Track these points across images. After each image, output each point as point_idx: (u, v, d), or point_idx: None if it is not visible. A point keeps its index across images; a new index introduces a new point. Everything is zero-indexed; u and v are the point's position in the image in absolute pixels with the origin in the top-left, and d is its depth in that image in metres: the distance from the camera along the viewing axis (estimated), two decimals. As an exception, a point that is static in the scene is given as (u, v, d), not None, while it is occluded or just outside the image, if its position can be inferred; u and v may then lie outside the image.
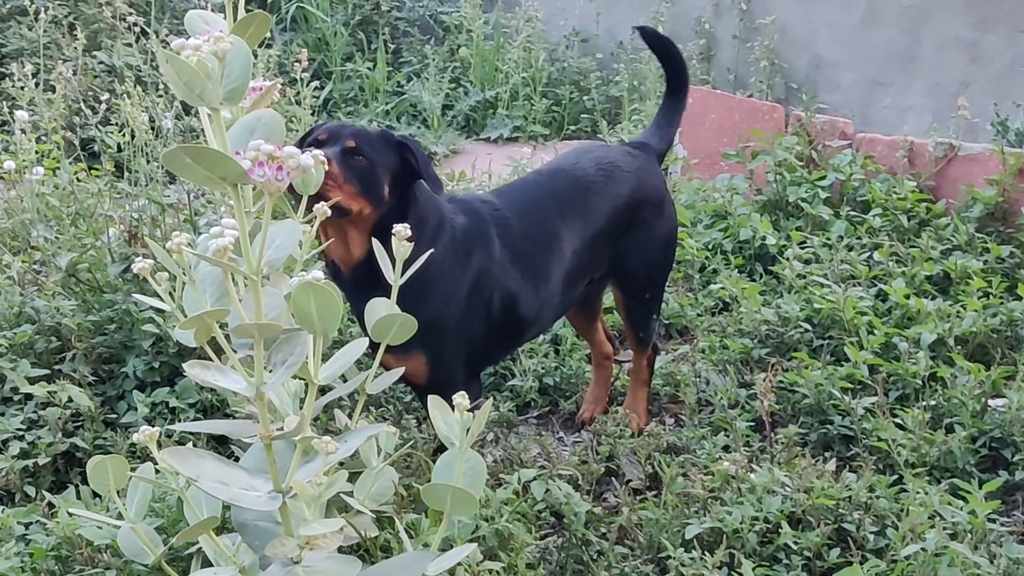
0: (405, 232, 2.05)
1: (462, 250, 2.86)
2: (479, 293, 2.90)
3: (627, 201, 3.24)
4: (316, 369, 1.70)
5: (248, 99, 1.70)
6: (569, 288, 3.14)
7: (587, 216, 3.14)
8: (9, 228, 4.36)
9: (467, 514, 2.13)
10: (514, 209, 3.05)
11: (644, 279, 3.37)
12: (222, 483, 1.64)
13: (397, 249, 2.07)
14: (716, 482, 2.81)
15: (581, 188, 3.17)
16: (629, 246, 3.27)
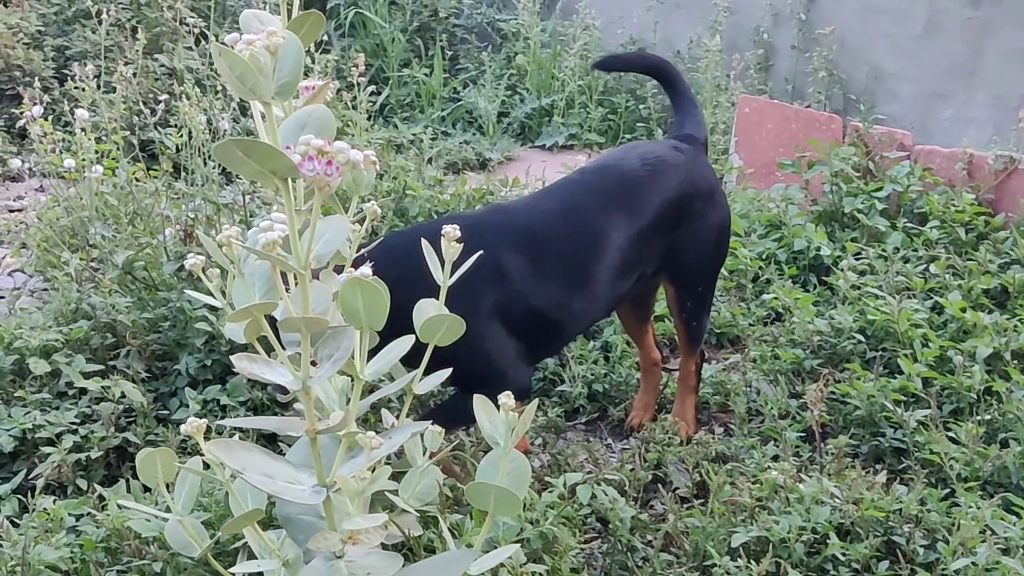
0: (455, 233, 2.06)
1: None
2: (490, 319, 2.83)
3: (676, 194, 3.19)
4: (362, 365, 1.71)
5: (301, 98, 1.71)
6: (617, 283, 3.09)
7: (633, 211, 3.09)
8: (68, 226, 4.42)
9: (510, 514, 2.13)
10: (545, 213, 3.02)
11: (697, 272, 3.33)
12: (267, 476, 1.65)
13: (447, 250, 2.08)
14: (764, 491, 2.78)
15: (627, 183, 3.13)
16: (682, 239, 3.22)
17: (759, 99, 5.82)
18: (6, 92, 6.85)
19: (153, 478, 2.11)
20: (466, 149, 6.65)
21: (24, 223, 4.71)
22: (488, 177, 5.32)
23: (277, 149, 1.42)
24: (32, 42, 7.02)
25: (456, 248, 2.09)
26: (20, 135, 6.39)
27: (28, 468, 3.09)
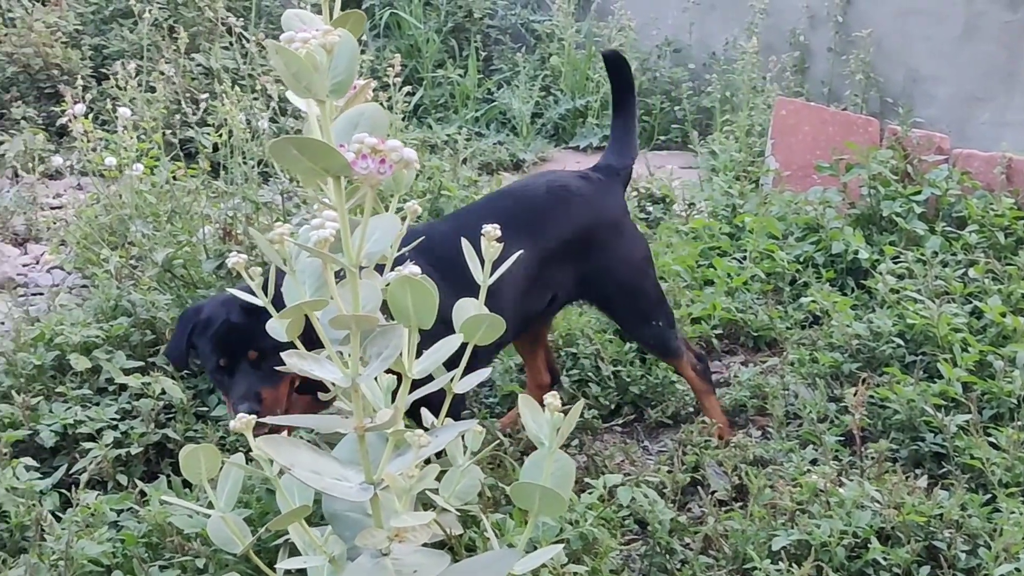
0: (495, 232, 2.06)
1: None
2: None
3: (579, 224, 3.21)
4: (410, 363, 1.72)
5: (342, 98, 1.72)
6: (523, 304, 3.09)
7: (536, 235, 3.07)
8: (107, 223, 4.46)
9: (555, 514, 2.13)
10: (446, 235, 2.89)
11: (624, 299, 3.33)
12: (315, 472, 1.65)
13: (487, 250, 2.08)
14: (804, 495, 2.77)
15: (529, 209, 3.15)
16: (595, 269, 3.24)
17: (795, 101, 5.80)
18: (44, 91, 6.91)
19: (196, 474, 2.11)
20: (500, 150, 6.65)
21: (64, 220, 4.75)
22: (522, 177, 5.32)
23: (331, 147, 1.43)
24: (70, 41, 7.08)
25: (497, 248, 2.09)
26: (59, 133, 6.45)
27: (69, 463, 3.12)
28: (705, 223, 4.75)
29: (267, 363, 2.56)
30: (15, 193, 5.73)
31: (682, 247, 4.47)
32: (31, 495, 2.85)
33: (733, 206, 4.99)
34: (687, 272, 4.31)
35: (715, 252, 4.56)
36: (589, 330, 3.83)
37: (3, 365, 3.47)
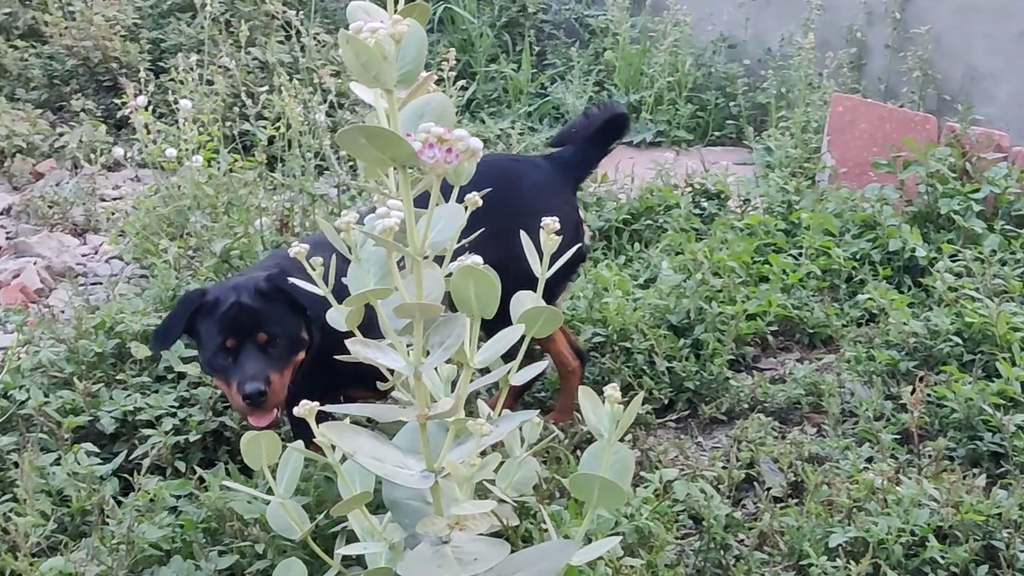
0: (554, 225, 2.06)
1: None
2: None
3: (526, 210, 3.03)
4: (472, 353, 1.72)
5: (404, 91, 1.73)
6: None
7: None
8: (166, 215, 4.51)
9: (614, 506, 2.13)
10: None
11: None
12: (377, 459, 1.67)
13: (545, 243, 2.08)
14: (861, 492, 2.75)
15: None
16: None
17: (852, 98, 5.74)
18: (103, 83, 6.99)
19: (257, 460, 2.14)
20: (553, 145, 6.64)
21: (123, 211, 4.81)
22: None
23: (399, 136, 1.44)
24: (129, 35, 7.15)
25: (556, 240, 2.10)
26: (117, 126, 6.53)
27: (128, 449, 3.16)
28: (760, 219, 4.72)
29: (275, 348, 2.64)
30: (75, 184, 5.81)
31: (737, 243, 4.44)
32: (92, 480, 2.90)
33: (789, 202, 4.96)
34: (742, 268, 4.29)
35: (770, 248, 4.53)
36: (644, 325, 3.82)
37: (65, 353, 3.52)
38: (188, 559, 2.51)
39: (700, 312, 3.94)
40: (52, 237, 5.35)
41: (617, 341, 3.81)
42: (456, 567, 1.64)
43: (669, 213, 4.96)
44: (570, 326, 3.90)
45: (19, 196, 5.88)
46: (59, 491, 2.90)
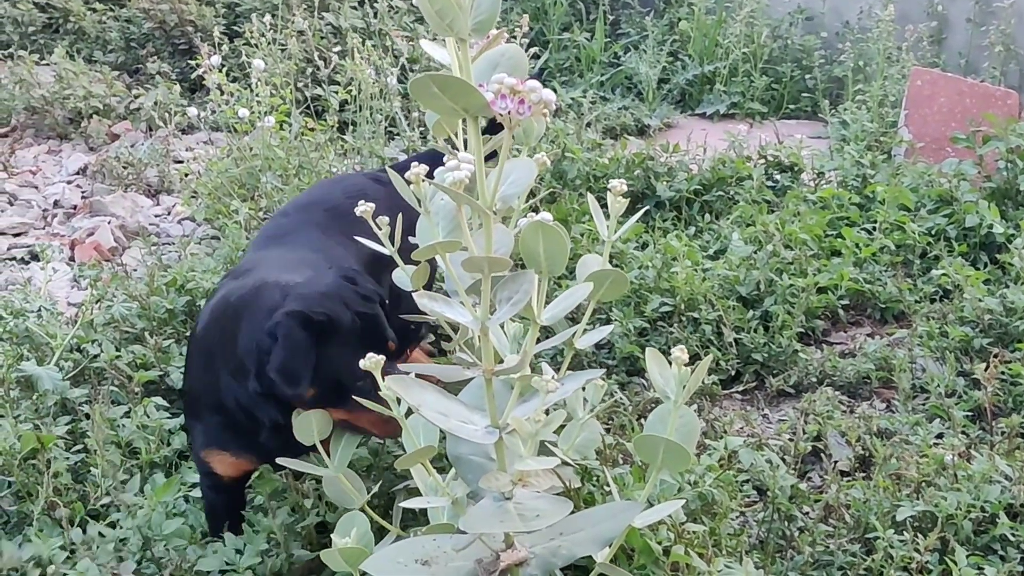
0: (621, 187, 2.04)
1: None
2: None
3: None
4: (539, 309, 1.71)
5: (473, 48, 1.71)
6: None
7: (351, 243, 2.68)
8: (238, 176, 4.54)
9: (678, 469, 2.11)
10: (281, 258, 2.66)
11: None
12: (442, 414, 1.66)
13: (612, 206, 2.06)
14: (931, 467, 2.71)
15: (341, 217, 2.80)
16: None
17: (932, 72, 5.63)
18: (179, 47, 7.06)
19: (309, 436, 2.16)
20: (625, 115, 6.59)
21: (195, 173, 4.86)
22: (649, 142, 5.27)
23: (471, 86, 1.43)
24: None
25: (624, 203, 2.07)
26: (191, 89, 6.59)
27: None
28: (834, 192, 4.64)
29: (395, 354, 2.35)
30: (149, 146, 5.88)
31: (810, 216, 4.38)
32: (161, 433, 2.93)
33: (864, 176, 4.88)
34: (814, 241, 4.22)
35: (843, 222, 4.46)
36: (712, 296, 3.79)
37: (136, 309, 3.56)
38: (253, 512, 2.53)
39: (770, 284, 3.90)
40: (126, 197, 5.42)
41: (685, 311, 3.78)
42: (518, 522, 1.63)
43: (741, 185, 4.90)
44: (637, 296, 3.88)
45: (95, 156, 5.96)
46: (128, 443, 2.94)
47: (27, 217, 5.24)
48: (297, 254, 2.66)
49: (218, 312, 2.41)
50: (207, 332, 2.42)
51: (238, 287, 2.43)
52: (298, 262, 2.56)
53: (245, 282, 2.44)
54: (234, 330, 2.29)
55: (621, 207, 2.06)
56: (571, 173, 4.85)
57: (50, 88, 6.46)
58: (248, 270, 2.55)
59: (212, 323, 2.42)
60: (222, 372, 2.31)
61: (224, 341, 2.32)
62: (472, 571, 1.74)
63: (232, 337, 2.29)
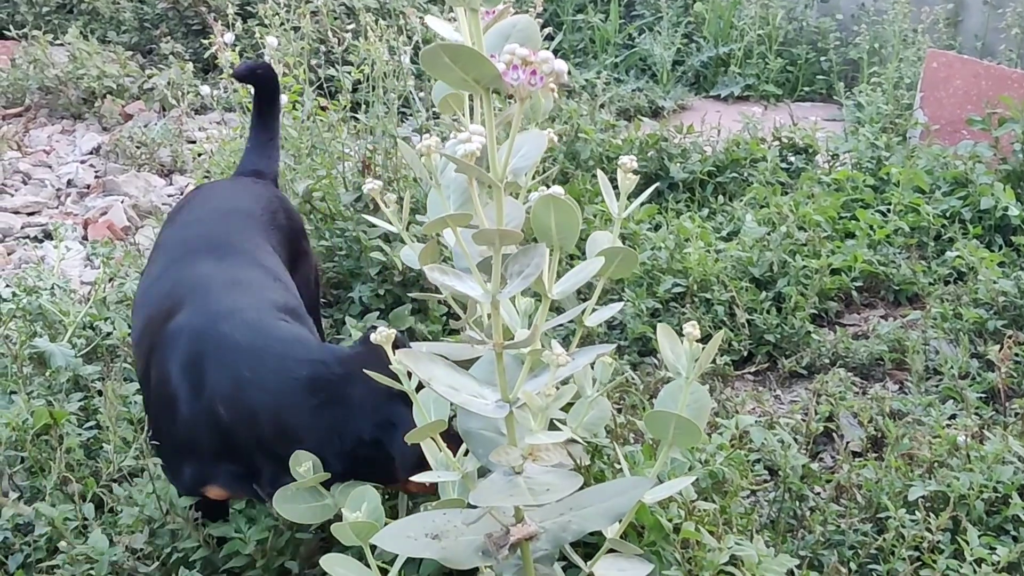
0: (632, 164, 2.02)
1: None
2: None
3: (289, 230, 2.88)
4: (551, 283, 1.71)
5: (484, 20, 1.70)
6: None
7: (265, 252, 2.66)
8: (250, 155, 4.53)
9: (689, 445, 2.11)
10: (203, 276, 2.48)
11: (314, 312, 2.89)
12: (453, 388, 1.66)
13: (622, 183, 2.05)
14: (943, 447, 2.70)
15: (261, 225, 2.74)
16: (299, 282, 2.75)
17: (948, 54, 5.59)
18: (192, 27, 7.06)
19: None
20: (639, 96, 6.57)
21: (209, 152, 4.86)
22: (663, 123, 5.25)
23: (483, 56, 1.42)
24: (217, -22, 7.20)
25: (634, 179, 2.06)
26: (204, 69, 6.59)
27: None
28: (848, 174, 4.62)
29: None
30: (162, 126, 5.89)
31: (824, 197, 4.37)
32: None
33: (879, 158, 4.86)
34: (828, 223, 4.21)
35: (858, 204, 4.44)
36: (725, 277, 3.78)
37: (149, 286, 3.56)
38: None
39: (783, 265, 3.89)
40: (139, 177, 5.43)
41: (697, 292, 3.78)
42: (528, 497, 1.63)
43: (755, 166, 4.88)
44: (650, 276, 3.87)
45: (108, 136, 5.97)
46: (140, 419, 2.95)
47: (41, 196, 5.25)
48: (251, 274, 2.51)
49: (224, 371, 2.20)
50: (204, 387, 2.20)
51: (245, 346, 2.21)
52: (258, 286, 2.45)
53: (232, 324, 2.25)
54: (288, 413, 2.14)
55: (631, 184, 2.04)
56: (584, 154, 4.84)
57: (64, 68, 6.46)
58: (207, 298, 2.35)
59: (219, 382, 2.19)
60: (236, 430, 2.18)
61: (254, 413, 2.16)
62: (482, 545, 1.74)
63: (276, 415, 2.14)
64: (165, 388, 2.24)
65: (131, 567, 2.29)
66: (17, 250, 4.72)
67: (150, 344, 2.33)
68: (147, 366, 2.32)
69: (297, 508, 2.06)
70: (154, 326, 2.34)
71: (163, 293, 2.41)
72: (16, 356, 3.21)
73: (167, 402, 2.24)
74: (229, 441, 2.18)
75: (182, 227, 2.71)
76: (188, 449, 2.24)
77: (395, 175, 4.03)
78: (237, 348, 2.19)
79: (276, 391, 2.12)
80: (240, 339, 2.20)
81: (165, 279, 2.47)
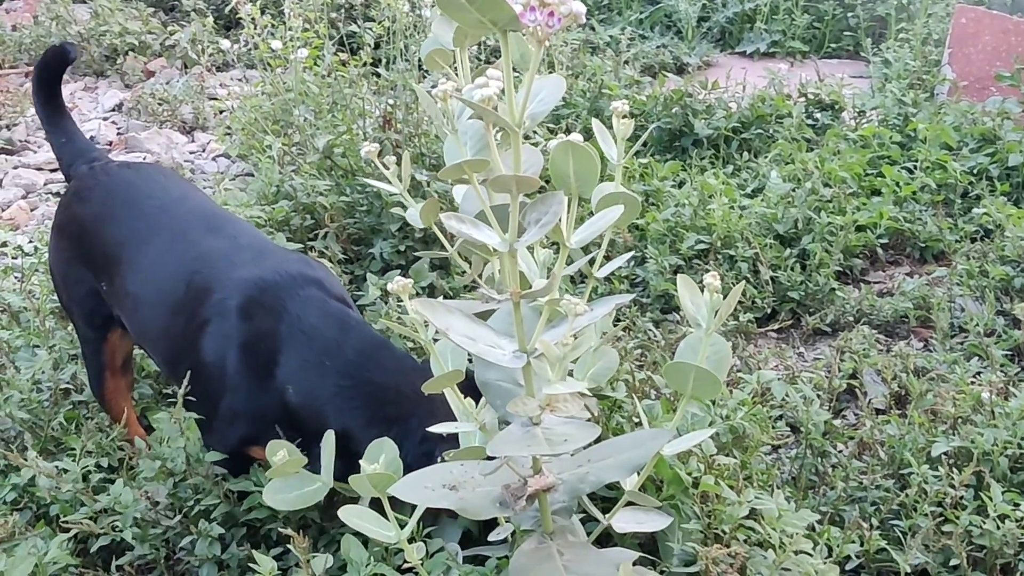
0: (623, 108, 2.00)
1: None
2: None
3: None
4: (569, 232, 1.68)
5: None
6: None
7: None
8: (271, 111, 4.52)
9: (708, 397, 2.09)
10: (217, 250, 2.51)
11: None
12: (470, 338, 1.64)
13: (617, 128, 2.02)
14: (967, 404, 2.67)
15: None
16: None
17: (977, 10, 5.51)
18: (213, -17, 7.03)
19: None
20: (663, 53, 6.51)
21: (231, 109, 4.84)
22: (687, 79, 5.20)
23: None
24: (240, -67, 7.16)
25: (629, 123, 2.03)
26: (225, 27, 6.57)
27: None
28: (875, 131, 4.57)
29: None
30: (184, 83, 5.88)
31: (849, 154, 4.32)
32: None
33: (905, 115, 4.80)
34: (854, 179, 4.16)
35: (884, 160, 4.39)
36: (749, 233, 3.74)
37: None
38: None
39: (808, 222, 3.85)
40: (161, 134, 5.42)
41: (721, 249, 3.75)
42: (545, 447, 1.61)
43: (780, 123, 4.84)
44: (673, 233, 3.84)
45: (130, 93, 5.97)
46: (157, 373, 2.95)
47: (63, 153, 5.25)
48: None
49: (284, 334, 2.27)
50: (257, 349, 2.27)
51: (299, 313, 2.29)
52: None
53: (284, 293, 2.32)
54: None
55: (627, 129, 2.02)
56: (608, 110, 4.79)
57: (87, 25, 6.46)
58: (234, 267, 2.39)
59: (275, 346, 2.26)
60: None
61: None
62: (499, 496, 1.72)
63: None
64: (222, 361, 2.27)
65: (153, 519, 2.29)
66: (40, 206, 4.73)
67: (193, 316, 2.34)
68: (190, 337, 2.33)
69: (287, 497, 2.06)
70: (191, 303, 2.36)
71: (185, 270, 2.42)
72: (39, 310, 3.21)
73: (218, 374, 2.28)
74: (294, 417, 2.22)
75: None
76: (244, 415, 2.28)
77: (416, 130, 4.01)
78: (315, 335, 2.26)
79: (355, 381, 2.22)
80: (317, 324, 2.27)
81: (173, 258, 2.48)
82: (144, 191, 2.65)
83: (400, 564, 2.02)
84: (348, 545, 2.07)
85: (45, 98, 2.86)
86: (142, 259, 2.49)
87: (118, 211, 2.61)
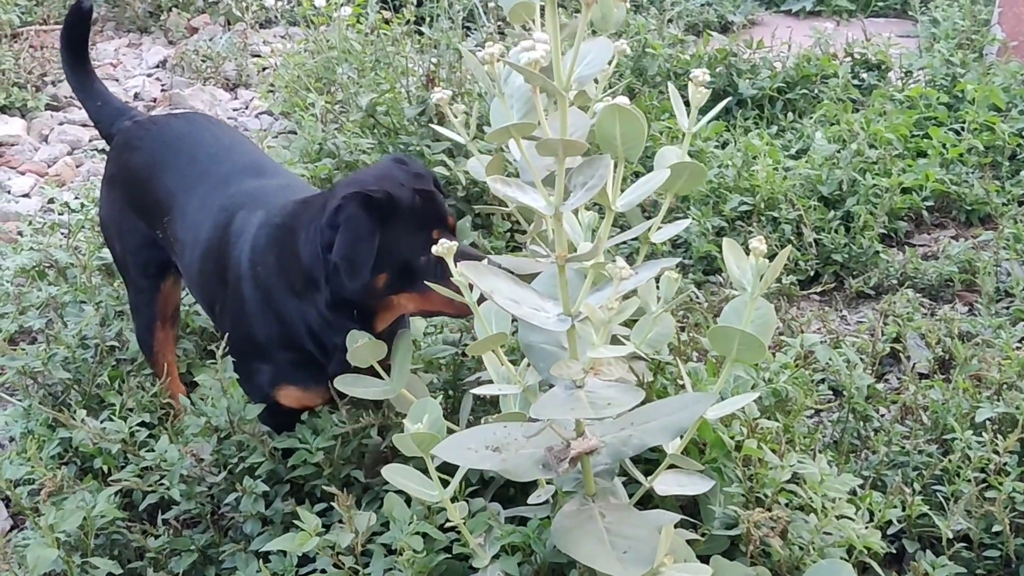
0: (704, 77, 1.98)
1: None
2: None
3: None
4: (615, 196, 1.68)
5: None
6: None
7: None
8: (314, 69, 4.52)
9: (753, 360, 2.09)
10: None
11: None
12: (515, 301, 1.65)
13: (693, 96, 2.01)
14: (1013, 369, 2.65)
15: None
16: None
17: (1030, -33, 5.41)
18: (258, -60, 7.02)
19: (364, 360, 2.16)
20: (708, 11, 6.43)
21: (274, 66, 4.85)
22: (732, 38, 5.15)
23: (548, -40, 1.38)
24: None
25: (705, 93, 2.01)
26: (270, -16, 6.56)
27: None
28: (922, 91, 4.51)
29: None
30: (227, 40, 5.88)
31: (896, 115, 4.27)
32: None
33: (953, 75, 4.73)
34: (899, 141, 4.12)
35: (931, 122, 4.33)
36: (793, 195, 3.72)
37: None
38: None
39: (853, 184, 3.82)
40: (204, 91, 5.44)
41: (764, 210, 3.73)
42: (589, 410, 1.62)
43: (826, 83, 4.79)
44: (716, 194, 3.82)
45: (174, 50, 5.99)
46: (204, 329, 2.98)
47: (108, 109, 5.28)
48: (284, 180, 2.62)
49: (263, 240, 2.31)
50: (256, 266, 2.31)
51: (272, 212, 2.34)
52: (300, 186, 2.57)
53: (273, 205, 2.37)
54: (292, 245, 2.23)
55: (703, 98, 2.00)
56: (651, 70, 4.77)
57: (130, -19, 6.47)
58: (254, 199, 2.45)
59: (261, 254, 2.30)
60: (285, 300, 2.25)
61: (282, 264, 2.26)
62: (542, 458, 1.73)
63: (291, 254, 2.23)
64: (236, 291, 2.33)
65: (198, 475, 2.32)
66: (85, 162, 4.77)
67: (221, 256, 2.39)
68: (220, 275, 2.39)
69: (356, 388, 2.18)
70: (222, 243, 2.40)
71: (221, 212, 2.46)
72: (85, 267, 3.25)
73: (239, 304, 2.33)
74: (284, 325, 2.28)
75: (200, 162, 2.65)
76: (259, 346, 2.32)
77: (459, 89, 4.00)
78: (274, 226, 2.32)
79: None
80: (276, 220, 2.33)
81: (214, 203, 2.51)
82: (196, 139, 2.68)
83: (443, 523, 2.03)
84: (391, 503, 2.09)
85: (74, 63, 2.90)
86: (188, 206, 2.52)
87: (172, 158, 2.64)
